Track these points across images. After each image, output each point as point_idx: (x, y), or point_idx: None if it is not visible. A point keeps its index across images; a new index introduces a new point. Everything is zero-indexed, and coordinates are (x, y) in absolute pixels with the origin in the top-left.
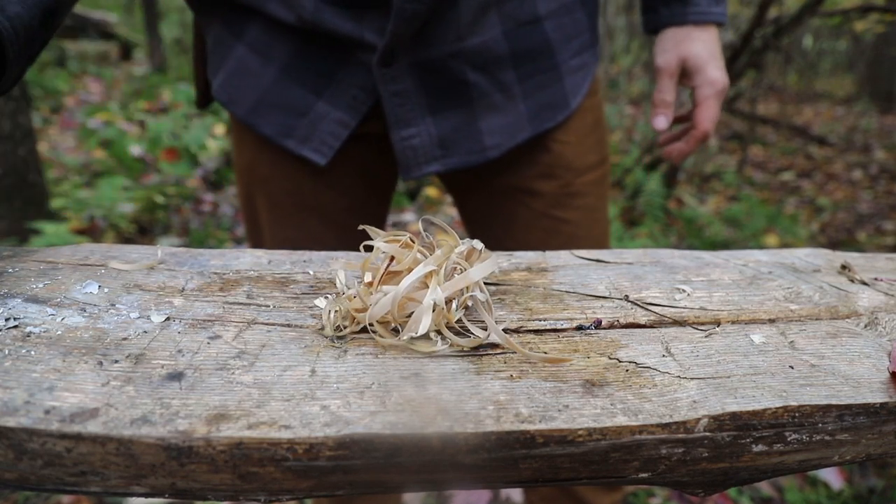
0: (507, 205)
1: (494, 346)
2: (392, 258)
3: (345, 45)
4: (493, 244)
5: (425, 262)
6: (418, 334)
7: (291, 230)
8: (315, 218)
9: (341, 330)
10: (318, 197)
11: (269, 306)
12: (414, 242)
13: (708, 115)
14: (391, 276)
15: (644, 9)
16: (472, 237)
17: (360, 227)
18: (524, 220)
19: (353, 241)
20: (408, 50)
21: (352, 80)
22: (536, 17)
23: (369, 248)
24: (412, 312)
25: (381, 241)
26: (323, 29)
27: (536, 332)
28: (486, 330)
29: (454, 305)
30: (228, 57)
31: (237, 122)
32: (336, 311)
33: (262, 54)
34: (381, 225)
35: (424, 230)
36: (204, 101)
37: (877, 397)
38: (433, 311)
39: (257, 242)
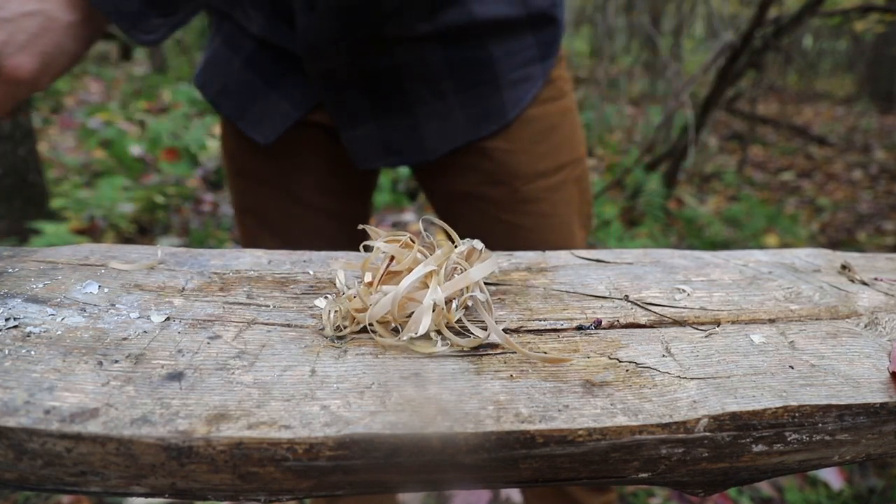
0: (464, 208)
1: (494, 346)
2: (392, 258)
3: (293, 48)
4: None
5: (425, 262)
6: (418, 334)
7: (254, 199)
8: (277, 191)
9: (341, 330)
10: (280, 173)
11: (269, 306)
12: (414, 242)
13: None
14: (391, 276)
15: None
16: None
17: (360, 226)
18: (480, 224)
19: (324, 217)
20: (343, 63)
21: (300, 82)
22: (477, 35)
23: (369, 248)
24: (412, 312)
25: (381, 241)
26: (271, 43)
27: (536, 332)
28: (486, 330)
29: (454, 305)
30: (209, 47)
31: (222, 117)
32: (336, 311)
33: (232, 48)
34: (363, 206)
35: (424, 230)
36: None
37: (877, 397)
38: (433, 311)
39: (248, 242)
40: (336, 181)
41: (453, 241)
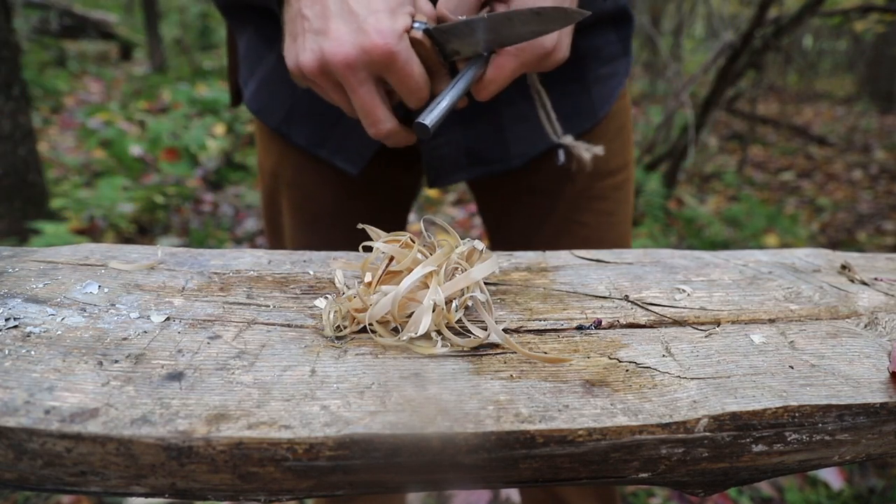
0: (527, 204)
1: (494, 346)
2: (391, 258)
3: None
4: (507, 242)
5: (425, 262)
6: (418, 334)
7: (312, 236)
8: (337, 226)
9: (341, 330)
10: (341, 205)
11: (269, 306)
12: (414, 242)
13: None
14: (391, 276)
15: None
16: (490, 234)
17: (360, 226)
18: (539, 220)
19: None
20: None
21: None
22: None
23: (369, 248)
24: (412, 313)
25: (381, 241)
26: None
27: (536, 332)
28: (486, 330)
29: (454, 305)
30: (260, 65)
31: (260, 126)
32: (336, 312)
33: None
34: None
35: (425, 230)
36: (237, 100)
37: (877, 397)
38: (433, 311)
39: (276, 245)
40: (392, 213)
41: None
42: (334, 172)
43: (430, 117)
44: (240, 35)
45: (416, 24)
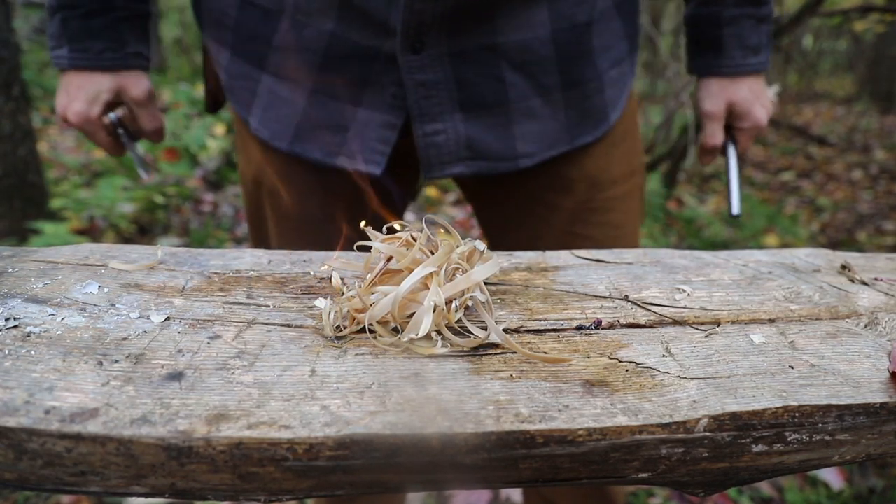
0: (527, 219)
1: (494, 346)
2: (390, 258)
3: (371, 42)
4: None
5: (425, 262)
6: (419, 336)
7: (299, 241)
8: (324, 230)
9: (341, 330)
10: (326, 209)
11: (269, 306)
12: (415, 240)
13: (745, 149)
14: (392, 275)
15: (687, 51)
16: (491, 248)
17: (362, 226)
18: (541, 235)
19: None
20: (438, 37)
21: (385, 78)
22: (589, 20)
23: (365, 248)
24: (413, 313)
25: (379, 241)
26: (339, 50)
27: (536, 332)
28: (486, 330)
29: (454, 306)
30: (257, 90)
31: (241, 126)
32: (336, 311)
33: (289, 77)
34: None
35: (427, 230)
36: (213, 106)
37: (877, 397)
38: (433, 311)
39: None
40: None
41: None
42: (319, 177)
43: None
44: (218, 52)
45: (111, 115)
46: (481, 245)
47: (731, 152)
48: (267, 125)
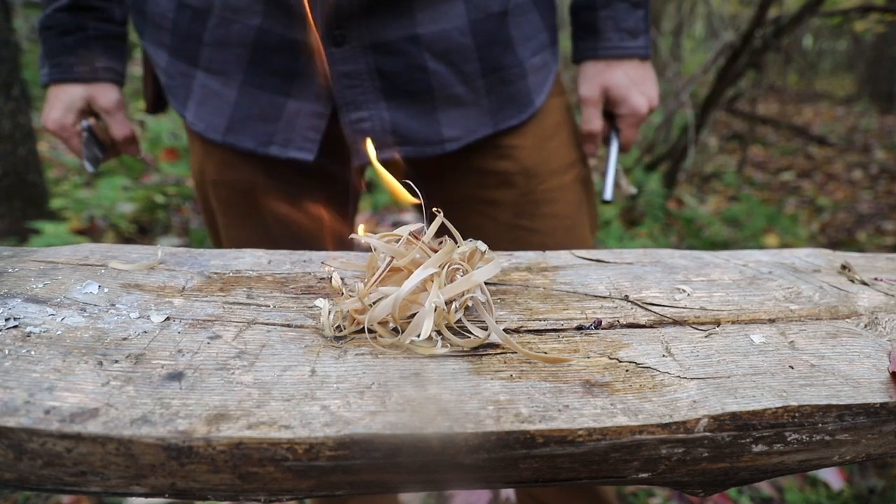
0: (470, 217)
1: (494, 346)
2: (391, 259)
3: (296, 36)
4: None
5: (426, 263)
6: (420, 338)
7: (246, 230)
8: (269, 217)
9: (341, 330)
10: (267, 197)
11: (269, 306)
12: (417, 239)
13: (628, 139)
14: (392, 274)
15: (571, 41)
16: None
17: (351, 236)
18: (491, 232)
19: (312, 241)
20: (359, 30)
21: (312, 69)
22: (503, 10)
23: (369, 248)
24: (413, 314)
25: (378, 240)
26: (268, 42)
27: (536, 332)
28: (486, 330)
29: (454, 306)
30: (192, 87)
31: (186, 128)
32: (336, 312)
33: (220, 72)
34: (347, 225)
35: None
36: (154, 107)
37: (877, 397)
38: (434, 312)
39: (217, 243)
40: (327, 204)
41: (455, 241)
42: (254, 166)
43: None
44: (156, 55)
45: (83, 123)
46: (482, 245)
47: (613, 140)
48: (202, 118)
